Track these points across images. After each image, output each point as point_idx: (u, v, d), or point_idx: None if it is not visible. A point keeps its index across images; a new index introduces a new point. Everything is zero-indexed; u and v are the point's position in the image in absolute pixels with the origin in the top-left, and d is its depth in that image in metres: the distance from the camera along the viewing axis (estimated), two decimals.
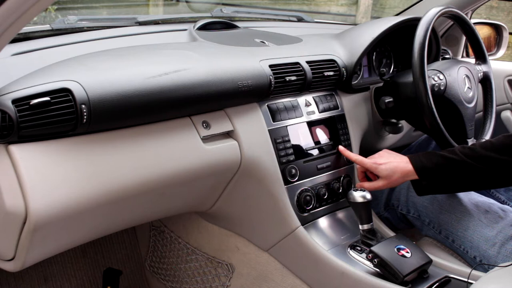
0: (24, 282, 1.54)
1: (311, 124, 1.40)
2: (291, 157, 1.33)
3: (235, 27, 1.69)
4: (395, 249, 1.22)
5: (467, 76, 1.57)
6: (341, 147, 1.45)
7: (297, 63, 1.35)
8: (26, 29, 1.30)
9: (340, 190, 1.44)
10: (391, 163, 1.33)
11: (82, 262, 1.66)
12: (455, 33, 2.07)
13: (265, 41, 1.49)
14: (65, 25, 1.40)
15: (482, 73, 1.64)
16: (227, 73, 1.18)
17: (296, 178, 1.33)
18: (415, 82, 1.39)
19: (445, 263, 1.28)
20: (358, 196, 1.27)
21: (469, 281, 1.16)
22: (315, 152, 1.39)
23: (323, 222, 1.39)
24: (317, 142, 1.40)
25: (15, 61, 1.16)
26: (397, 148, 1.85)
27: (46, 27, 1.36)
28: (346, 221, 1.43)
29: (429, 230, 1.43)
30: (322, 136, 1.43)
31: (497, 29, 2.20)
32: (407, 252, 1.22)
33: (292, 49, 1.44)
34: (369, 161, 1.36)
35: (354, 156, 1.42)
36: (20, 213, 0.90)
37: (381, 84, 1.61)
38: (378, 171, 1.34)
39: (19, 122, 0.88)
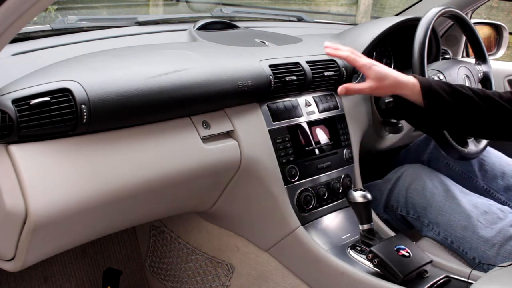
0: (24, 282, 1.54)
1: (311, 124, 1.40)
2: (291, 157, 1.33)
3: (235, 27, 1.69)
4: (395, 249, 1.22)
5: (467, 76, 1.57)
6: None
7: (297, 63, 1.35)
8: (26, 29, 1.30)
9: (340, 190, 1.44)
10: (389, 69, 1.21)
11: (82, 262, 1.65)
12: (455, 33, 2.07)
13: (265, 41, 1.49)
14: (65, 25, 1.40)
15: (482, 73, 1.64)
16: (227, 73, 1.18)
17: (296, 178, 1.33)
18: None
19: (445, 263, 1.28)
20: (358, 196, 1.27)
21: (469, 281, 1.16)
22: (315, 152, 1.39)
23: (323, 222, 1.39)
24: (317, 142, 1.40)
25: (15, 61, 1.16)
26: (397, 148, 1.86)
27: (46, 27, 1.36)
28: (346, 221, 1.43)
29: (428, 231, 1.43)
30: (322, 136, 1.42)
31: (497, 29, 2.20)
32: (407, 252, 1.22)
33: (292, 49, 1.44)
34: (366, 60, 1.22)
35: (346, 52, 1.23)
36: (20, 213, 0.90)
37: None
38: (370, 71, 1.20)
39: (19, 122, 0.88)
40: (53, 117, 0.91)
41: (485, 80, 1.66)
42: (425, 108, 1.21)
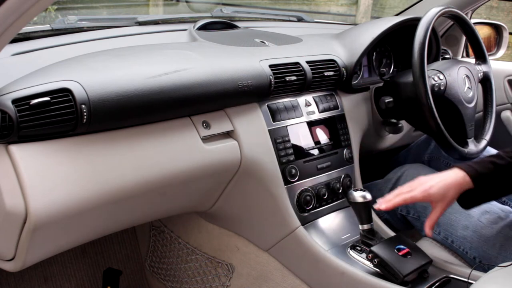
0: (24, 282, 1.54)
1: (311, 124, 1.40)
2: (291, 157, 1.33)
3: (235, 27, 1.69)
4: (395, 249, 1.22)
5: (467, 76, 1.57)
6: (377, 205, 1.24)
7: (297, 63, 1.35)
8: (26, 29, 1.30)
9: (340, 190, 1.44)
10: (440, 180, 1.20)
11: (82, 262, 1.65)
12: (455, 33, 2.07)
13: (265, 41, 1.49)
14: (65, 25, 1.40)
15: (482, 73, 1.64)
16: (227, 73, 1.18)
17: (296, 178, 1.33)
18: (415, 82, 1.39)
19: (445, 263, 1.28)
20: (358, 196, 1.27)
21: (469, 281, 1.16)
22: (315, 152, 1.39)
23: (323, 222, 1.39)
24: (317, 142, 1.40)
25: (15, 61, 1.16)
26: (397, 148, 1.86)
27: (46, 27, 1.36)
28: (346, 221, 1.43)
29: None
30: (322, 136, 1.43)
31: (497, 29, 2.20)
32: (407, 252, 1.22)
33: (292, 49, 1.44)
34: (419, 191, 1.20)
35: (398, 199, 1.22)
36: (20, 213, 0.90)
37: (381, 84, 1.61)
38: (431, 196, 1.19)
39: (19, 122, 0.88)
40: (53, 117, 0.91)
41: (485, 80, 1.66)
42: (474, 198, 1.23)
